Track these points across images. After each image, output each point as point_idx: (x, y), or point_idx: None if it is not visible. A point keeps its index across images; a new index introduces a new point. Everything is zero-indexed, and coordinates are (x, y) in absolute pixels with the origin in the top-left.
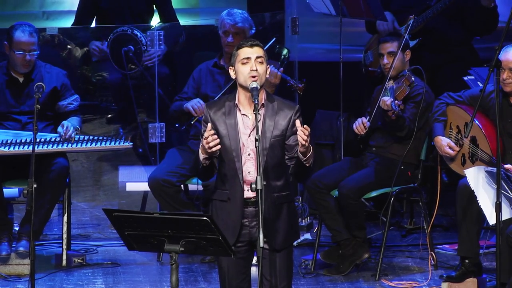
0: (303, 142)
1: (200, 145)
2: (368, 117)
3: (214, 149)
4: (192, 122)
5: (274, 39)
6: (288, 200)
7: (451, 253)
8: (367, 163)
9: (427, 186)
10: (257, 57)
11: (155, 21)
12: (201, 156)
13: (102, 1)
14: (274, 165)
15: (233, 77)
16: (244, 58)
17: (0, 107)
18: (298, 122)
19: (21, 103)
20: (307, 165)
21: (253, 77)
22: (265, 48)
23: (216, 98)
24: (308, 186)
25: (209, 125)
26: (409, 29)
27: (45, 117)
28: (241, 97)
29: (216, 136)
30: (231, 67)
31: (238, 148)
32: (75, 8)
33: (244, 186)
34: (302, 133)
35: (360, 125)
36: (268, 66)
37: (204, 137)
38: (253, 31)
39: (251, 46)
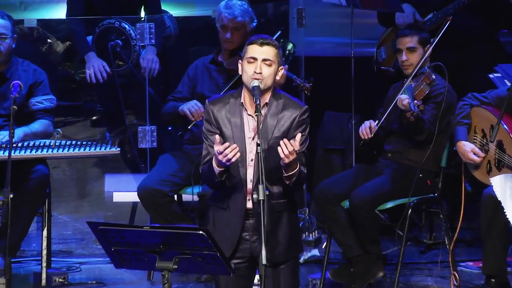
0: (282, 155)
1: (213, 158)
2: (376, 121)
3: (233, 159)
4: (189, 127)
5: (279, 32)
6: (288, 208)
7: (475, 271)
8: (381, 171)
9: (449, 197)
10: (264, 60)
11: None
12: (217, 169)
13: None
14: (272, 169)
15: (240, 72)
16: (250, 57)
17: None
18: (298, 136)
19: None
20: (287, 182)
21: (256, 79)
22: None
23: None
24: (316, 196)
25: (217, 136)
26: (443, 30)
27: (22, 119)
28: (246, 96)
29: (235, 146)
30: (240, 61)
31: (244, 152)
32: None
33: (247, 195)
34: (284, 145)
35: (366, 128)
36: (281, 67)
37: (218, 151)
38: (254, 24)
39: (261, 45)
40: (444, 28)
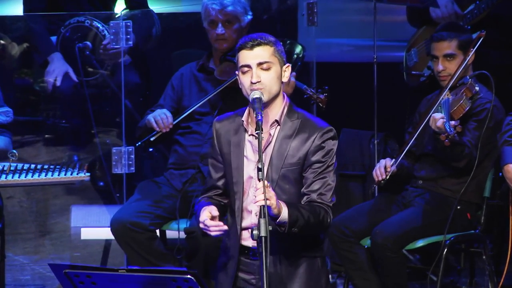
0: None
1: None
2: (393, 160)
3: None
4: (152, 139)
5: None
6: (308, 254)
7: None
8: (410, 202)
9: (494, 233)
10: (260, 63)
11: (118, 9)
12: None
13: None
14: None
15: (241, 86)
16: (243, 66)
17: None
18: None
19: None
20: (283, 229)
21: (255, 90)
22: None
23: (198, 105)
24: (330, 233)
25: (206, 211)
26: (477, 45)
27: None
28: (249, 113)
29: (222, 225)
30: (237, 73)
31: (241, 181)
32: None
33: (249, 232)
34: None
35: (381, 168)
36: (287, 65)
37: (203, 223)
38: (249, 17)
39: (251, 47)
40: (477, 45)
